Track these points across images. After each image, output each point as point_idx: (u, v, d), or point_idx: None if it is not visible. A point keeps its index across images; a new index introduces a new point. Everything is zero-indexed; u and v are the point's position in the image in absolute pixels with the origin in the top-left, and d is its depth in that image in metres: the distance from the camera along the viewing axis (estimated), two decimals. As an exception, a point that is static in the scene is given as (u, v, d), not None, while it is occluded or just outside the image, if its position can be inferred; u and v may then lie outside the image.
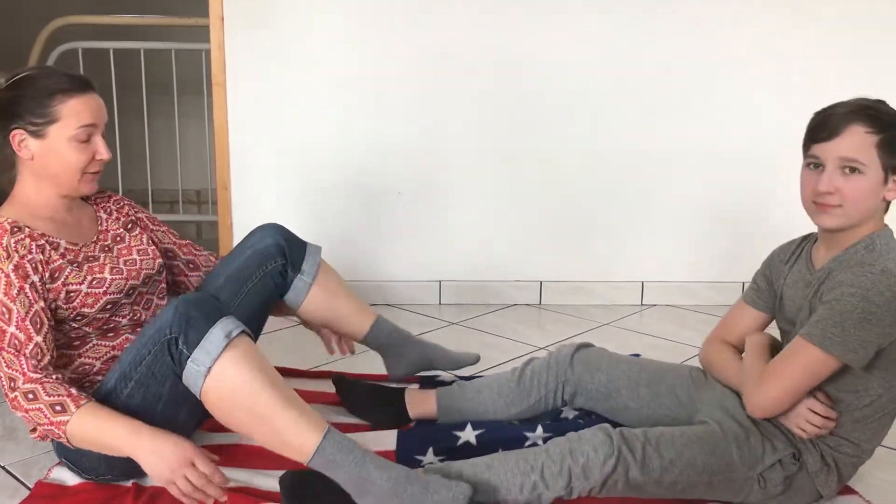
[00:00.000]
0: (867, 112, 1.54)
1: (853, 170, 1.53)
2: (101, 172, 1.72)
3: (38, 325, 1.58)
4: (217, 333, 1.52)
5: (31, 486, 1.74)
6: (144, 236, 1.89)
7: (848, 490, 1.72)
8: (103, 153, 1.69)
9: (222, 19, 3.02)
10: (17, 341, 1.55)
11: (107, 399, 1.61)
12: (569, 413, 2.01)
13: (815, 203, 1.58)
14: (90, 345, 1.72)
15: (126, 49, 4.01)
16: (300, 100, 3.11)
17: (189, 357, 1.52)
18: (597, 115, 3.13)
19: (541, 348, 2.69)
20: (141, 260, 1.83)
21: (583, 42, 3.07)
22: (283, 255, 1.98)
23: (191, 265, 2.01)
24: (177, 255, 1.99)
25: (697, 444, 1.58)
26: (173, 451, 1.50)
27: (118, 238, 1.83)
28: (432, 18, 3.05)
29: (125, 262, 1.79)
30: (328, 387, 2.17)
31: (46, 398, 1.52)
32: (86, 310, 1.67)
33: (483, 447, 1.86)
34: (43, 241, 1.65)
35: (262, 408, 1.50)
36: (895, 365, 1.55)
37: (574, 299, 3.26)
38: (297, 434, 1.51)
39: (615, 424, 1.90)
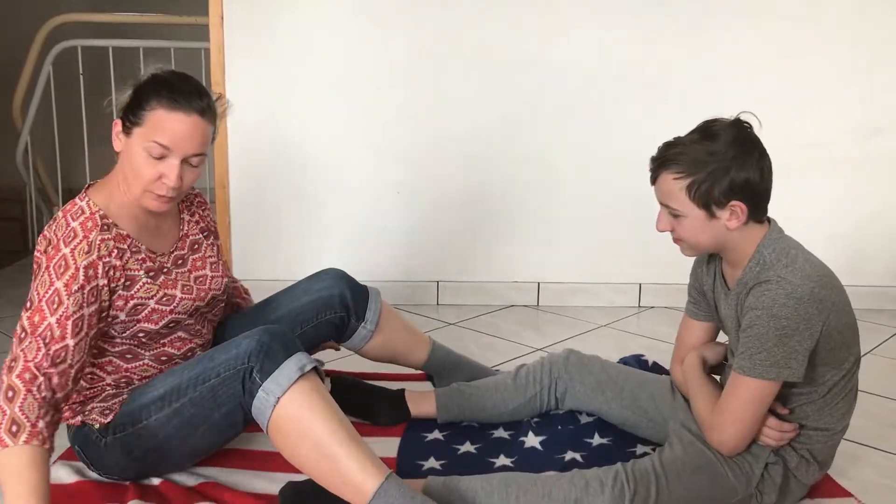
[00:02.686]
0: (676, 157, 1.55)
1: (675, 214, 1.58)
2: (172, 199, 1.61)
3: (77, 330, 1.49)
4: (291, 366, 1.51)
5: (27, 483, 1.73)
6: (216, 247, 1.87)
7: (843, 493, 1.73)
8: (170, 179, 1.56)
9: (222, 18, 3.02)
10: (49, 333, 1.46)
11: (148, 406, 1.60)
12: (559, 412, 2.05)
13: None
14: (142, 363, 1.69)
15: (125, 48, 4.01)
16: (299, 99, 3.11)
17: (260, 387, 1.51)
18: (595, 116, 3.13)
19: (538, 349, 2.69)
20: (212, 277, 1.80)
21: (582, 43, 3.08)
22: (345, 307, 2.01)
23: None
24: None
25: (698, 475, 1.58)
26: None
27: (195, 246, 1.80)
28: (432, 18, 3.05)
29: (196, 278, 1.76)
30: (327, 386, 2.17)
31: (17, 410, 1.39)
32: (149, 325, 1.64)
33: (482, 453, 1.90)
34: (125, 246, 1.61)
35: (325, 443, 1.47)
36: (836, 351, 1.56)
37: (572, 301, 3.26)
38: (359, 472, 1.46)
39: (602, 423, 1.98)
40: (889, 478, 1.83)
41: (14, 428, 1.37)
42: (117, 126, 1.61)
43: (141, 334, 1.64)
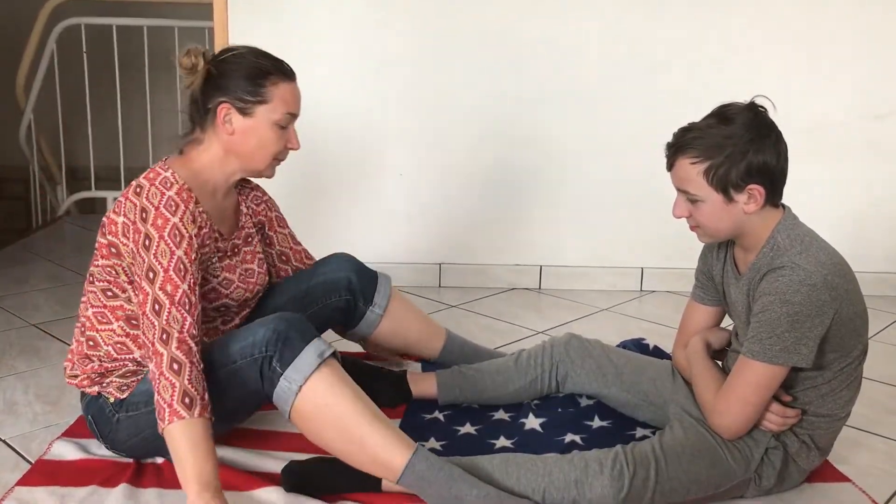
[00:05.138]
0: (692, 142, 1.55)
1: (692, 199, 1.58)
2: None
3: (199, 294, 1.58)
4: (310, 352, 1.54)
5: (31, 459, 1.74)
6: (264, 243, 1.94)
7: (841, 477, 1.74)
8: (295, 143, 1.73)
9: (226, -3, 3.01)
10: (187, 301, 1.52)
11: None
12: (559, 395, 2.06)
13: None
14: None
15: (129, 26, 4.00)
16: (301, 79, 3.09)
17: (282, 375, 1.53)
18: (599, 99, 3.12)
19: (539, 332, 2.70)
20: (258, 273, 1.85)
21: (586, 25, 3.06)
22: (350, 291, 2.03)
23: (297, 270, 2.04)
24: (289, 260, 2.03)
25: (698, 459, 1.58)
26: None
27: (249, 239, 1.85)
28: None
29: (246, 270, 1.81)
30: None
31: (186, 382, 1.46)
32: (203, 303, 1.65)
33: (482, 434, 1.90)
34: (205, 222, 1.65)
35: (351, 425, 1.51)
36: (846, 339, 1.56)
37: (574, 284, 3.27)
38: (386, 451, 1.51)
39: (602, 406, 1.98)
40: (887, 463, 1.84)
41: (187, 400, 1.45)
42: (224, 110, 1.65)
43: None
